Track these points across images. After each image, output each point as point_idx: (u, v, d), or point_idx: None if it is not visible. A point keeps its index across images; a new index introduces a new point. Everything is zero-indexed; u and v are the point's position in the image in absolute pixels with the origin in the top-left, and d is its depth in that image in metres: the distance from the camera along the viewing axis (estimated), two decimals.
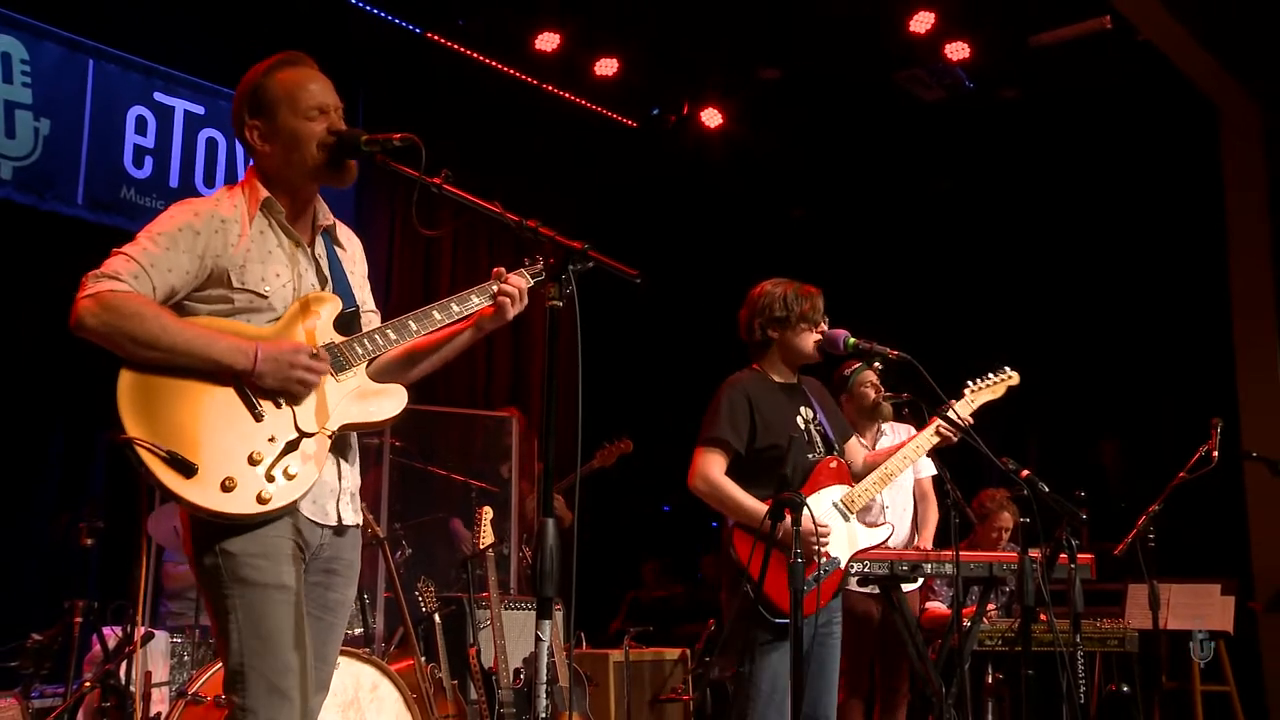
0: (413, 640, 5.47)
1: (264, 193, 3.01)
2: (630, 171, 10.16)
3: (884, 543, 4.57)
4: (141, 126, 7.51)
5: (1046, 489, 4.28)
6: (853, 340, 4.33)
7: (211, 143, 7.82)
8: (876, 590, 5.84)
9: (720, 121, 9.60)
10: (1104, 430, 9.44)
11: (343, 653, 4.79)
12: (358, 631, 5.86)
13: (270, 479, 2.79)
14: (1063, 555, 4.57)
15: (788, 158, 9.97)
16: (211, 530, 2.79)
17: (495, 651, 5.69)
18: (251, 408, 2.80)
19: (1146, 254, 9.21)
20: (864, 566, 5.06)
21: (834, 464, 4.39)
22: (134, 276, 2.77)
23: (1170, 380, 9.11)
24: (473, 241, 9.58)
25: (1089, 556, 5.53)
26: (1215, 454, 6.00)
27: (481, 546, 5.88)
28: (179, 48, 7.71)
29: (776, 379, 4.46)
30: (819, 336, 4.43)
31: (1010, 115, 9.17)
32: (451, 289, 10.27)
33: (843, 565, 4.32)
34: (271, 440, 2.81)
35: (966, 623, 5.56)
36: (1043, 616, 5.61)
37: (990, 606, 6.28)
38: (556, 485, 2.83)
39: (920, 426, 4.70)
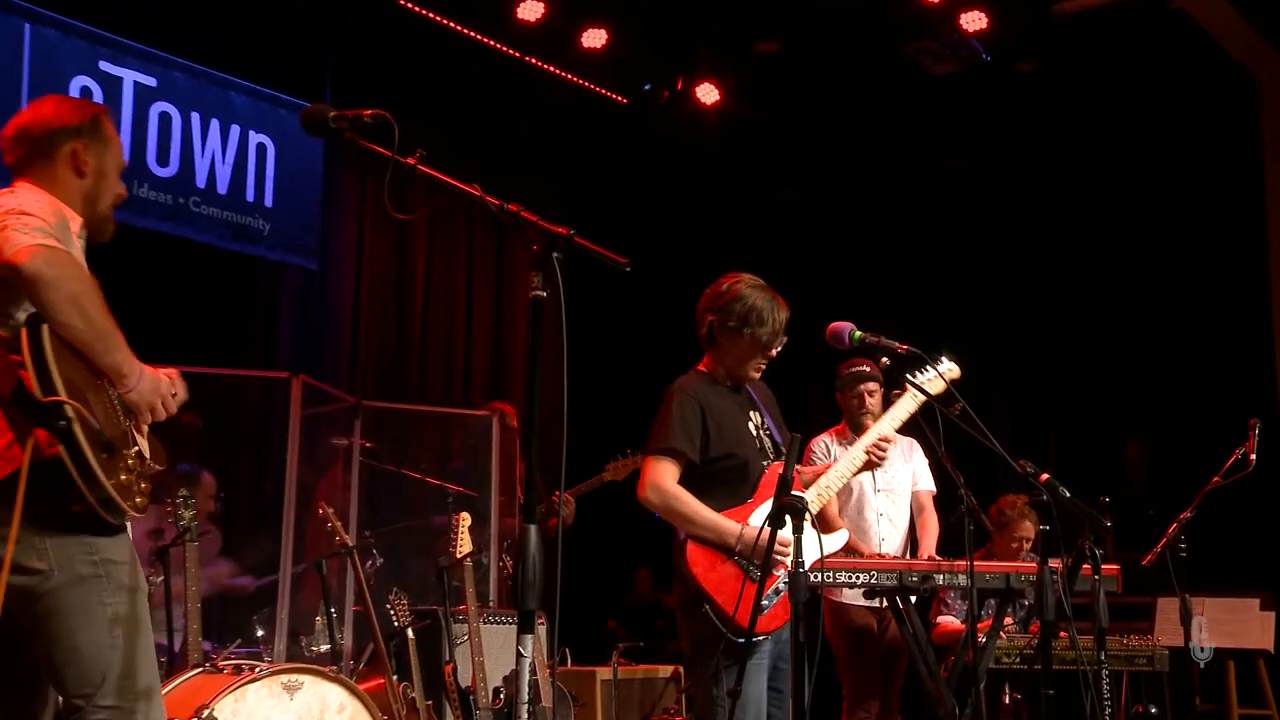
0: (384, 657, 5.49)
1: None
2: (620, 152, 10.18)
3: (841, 549, 4.59)
4: (86, 99, 7.47)
5: (1068, 494, 4.30)
6: (859, 334, 4.34)
7: (165, 118, 7.76)
8: (876, 604, 5.87)
9: (716, 98, 9.61)
10: (1131, 430, 9.47)
11: (308, 671, 4.82)
12: (324, 648, 5.87)
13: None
14: (1086, 566, 4.59)
15: (787, 136, 9.99)
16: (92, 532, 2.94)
17: (473, 669, 5.70)
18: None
19: (1177, 239, 9.23)
20: (870, 577, 5.09)
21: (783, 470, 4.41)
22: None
23: (1204, 376, 9.12)
24: (450, 226, 9.59)
25: (1114, 567, 5.55)
26: (1253, 456, 6.02)
27: (459, 555, 5.89)
28: (127, 13, 7.57)
29: (725, 382, 4.49)
30: (763, 367, 4.47)
31: (1027, 90, 9.18)
32: (427, 276, 10.30)
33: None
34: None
35: (982, 638, 5.58)
36: (1063, 633, 5.63)
37: (1007, 621, 6.30)
38: (569, 490, 2.85)
39: (931, 426, 4.73)
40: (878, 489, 6.29)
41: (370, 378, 8.88)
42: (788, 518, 3.81)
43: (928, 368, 4.82)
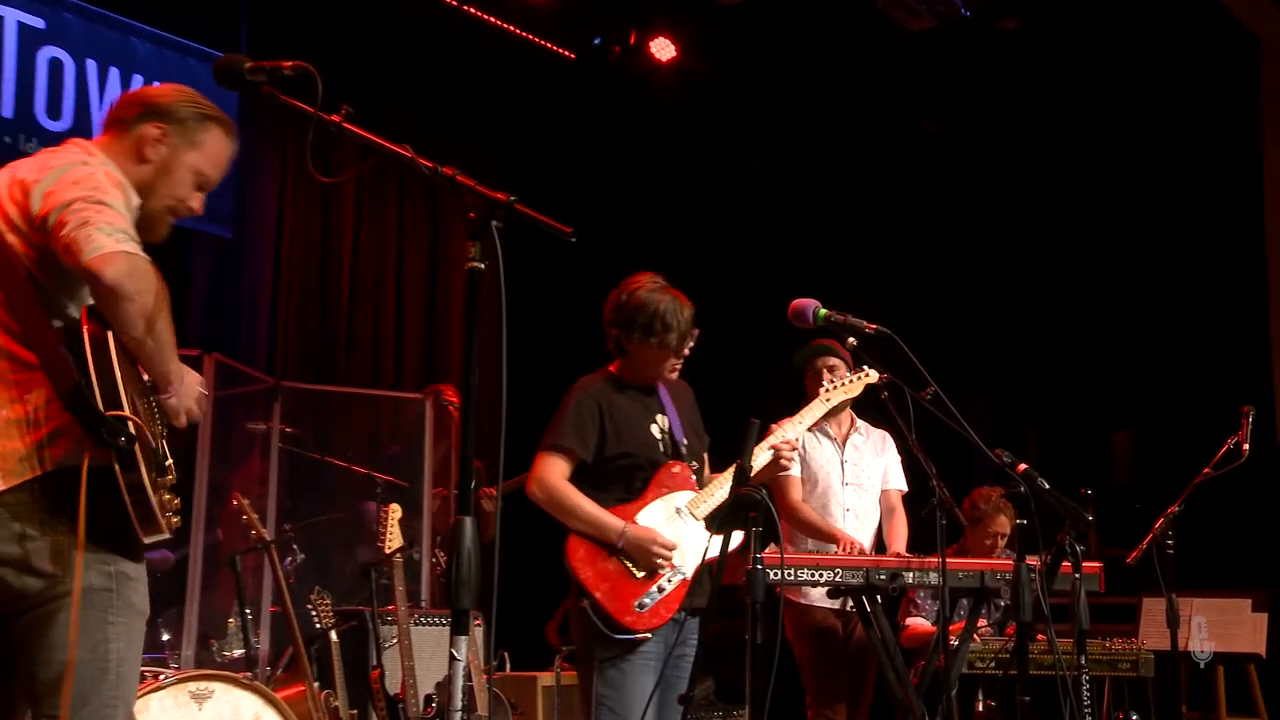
0: (304, 662, 5.48)
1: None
2: (567, 113, 10.15)
3: (737, 547, 4.63)
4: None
5: (1047, 486, 4.35)
6: (824, 312, 4.38)
7: (56, 65, 7.60)
8: (839, 606, 5.92)
9: (672, 54, 9.62)
10: (1115, 419, 9.57)
11: (219, 678, 4.81)
12: (237, 653, 5.85)
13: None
14: (1066, 563, 4.65)
15: (750, 97, 10.00)
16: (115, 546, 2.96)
17: (403, 674, 5.70)
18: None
19: (1167, 214, 9.30)
20: (834, 575, 5.13)
21: (676, 469, 4.56)
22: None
23: (1195, 361, 9.21)
24: (380, 191, 9.55)
25: (1097, 565, 5.62)
26: (1246, 447, 6.07)
27: (387, 551, 5.88)
28: None
29: (633, 383, 4.64)
30: (678, 368, 4.61)
31: (1010, 48, 9.23)
32: (354, 245, 10.25)
33: (688, 576, 4.44)
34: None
35: (954, 641, 5.63)
36: (1041, 636, 5.69)
37: (981, 622, 6.37)
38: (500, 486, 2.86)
39: (901, 412, 4.76)
40: (845, 482, 6.32)
41: (291, 356, 8.84)
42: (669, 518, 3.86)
43: (848, 373, 4.95)
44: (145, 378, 3.10)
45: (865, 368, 4.95)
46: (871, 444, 6.43)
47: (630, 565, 4.33)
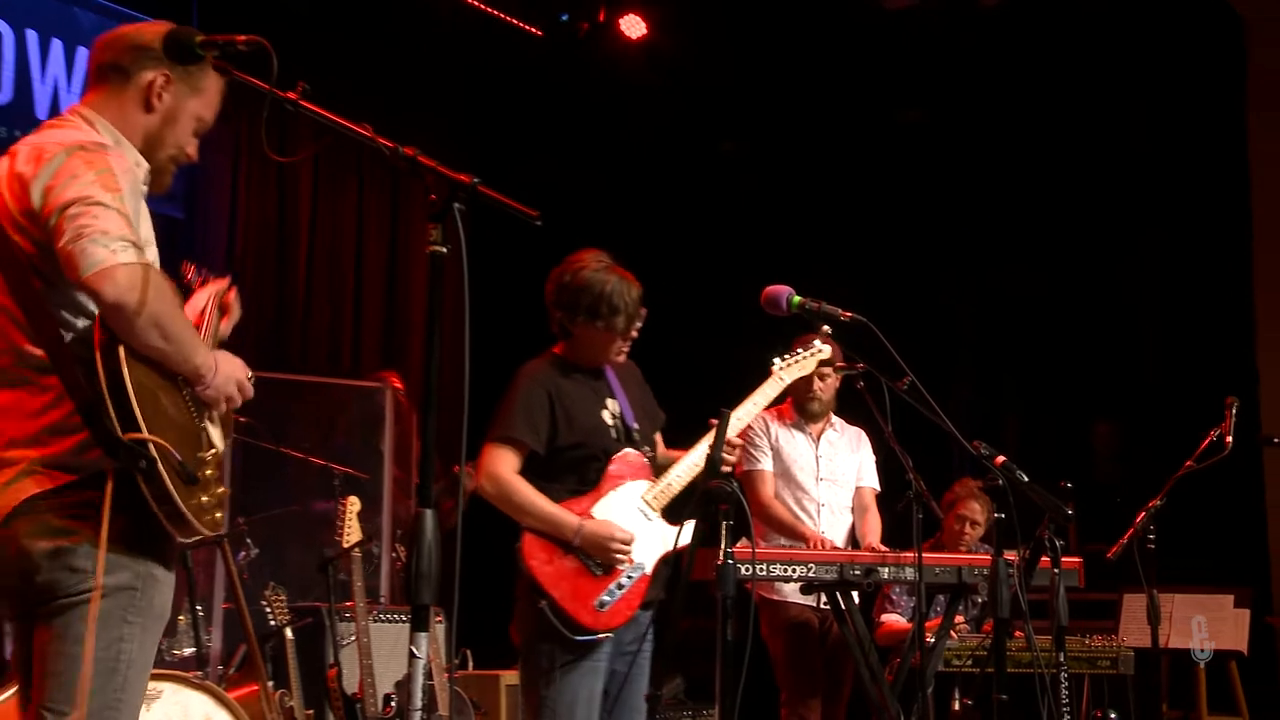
0: (258, 661, 5.46)
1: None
2: (534, 92, 10.12)
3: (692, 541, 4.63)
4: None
5: (1026, 478, 4.38)
6: (798, 299, 4.39)
7: None
8: (814, 603, 5.94)
9: (643, 32, 9.60)
10: (1096, 410, 9.62)
11: (168, 678, 4.78)
12: (188, 651, 5.82)
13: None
14: (1044, 558, 4.68)
15: (723, 77, 9.99)
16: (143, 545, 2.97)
17: (361, 673, 5.70)
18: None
19: (1151, 199, 9.36)
20: (808, 570, 5.15)
21: (631, 457, 4.53)
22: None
23: (1177, 351, 9.27)
24: (338, 172, 9.50)
25: (1076, 560, 5.66)
26: (1229, 439, 6.11)
27: (345, 545, 5.87)
28: None
29: (579, 366, 4.59)
30: (626, 350, 4.58)
31: (991, 28, 9.26)
32: (311, 228, 10.19)
33: (649, 571, 4.42)
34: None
35: (930, 638, 5.66)
36: (1019, 632, 5.72)
37: (958, 619, 6.40)
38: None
39: (878, 403, 4.78)
40: (820, 477, 6.34)
41: (245, 342, 8.75)
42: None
43: (798, 349, 4.90)
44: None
45: (817, 342, 4.93)
46: (847, 440, 6.46)
47: (588, 562, 4.31)
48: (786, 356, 4.89)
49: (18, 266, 2.97)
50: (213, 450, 3.13)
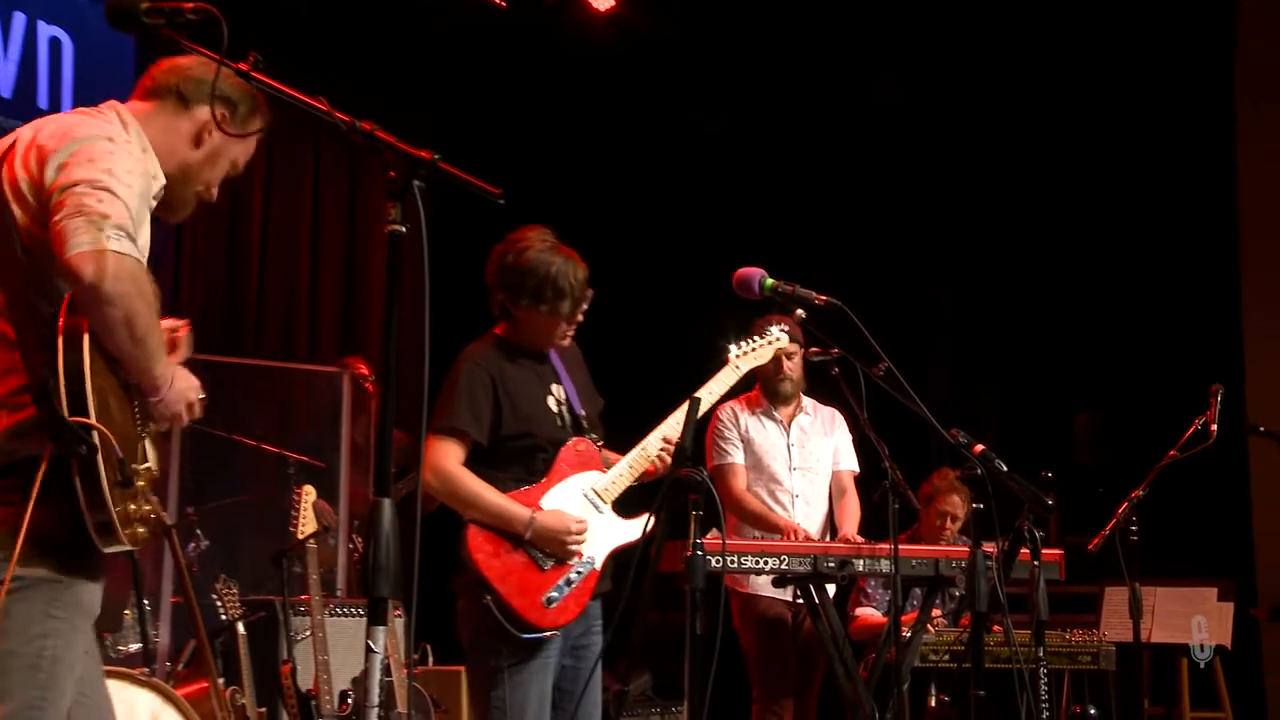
0: (208, 656, 5.44)
1: None
2: (497, 67, 10.09)
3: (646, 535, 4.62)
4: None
5: (1005, 468, 4.39)
6: (770, 281, 4.38)
7: None
8: (789, 597, 5.96)
9: (611, 4, 9.57)
10: (1078, 398, 9.66)
11: (113, 675, 4.73)
12: (134, 647, 5.80)
13: None
14: (1024, 550, 4.70)
15: (694, 51, 9.97)
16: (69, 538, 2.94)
17: (316, 669, 5.68)
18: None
19: (1137, 185, 9.40)
20: (780, 562, 5.15)
21: (581, 446, 4.50)
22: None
23: (1160, 338, 9.32)
24: (293, 148, 9.45)
25: (1057, 552, 5.69)
26: (1214, 428, 6.15)
27: (300, 536, 5.86)
28: None
29: (522, 349, 4.54)
30: (570, 334, 4.54)
31: (976, 5, 9.27)
32: (265, 206, 10.12)
33: (598, 566, 4.41)
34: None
35: (906, 633, 5.69)
36: (997, 627, 5.76)
37: (935, 613, 6.43)
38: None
39: (852, 390, 4.78)
40: (793, 467, 6.36)
41: (196, 326, 8.72)
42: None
43: (755, 336, 4.90)
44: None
45: (774, 329, 4.93)
46: (820, 423, 6.46)
47: (536, 556, 4.26)
48: (743, 344, 4.88)
49: (9, 241, 2.96)
50: (147, 465, 3.11)
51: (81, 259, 2.80)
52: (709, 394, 4.67)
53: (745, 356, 4.85)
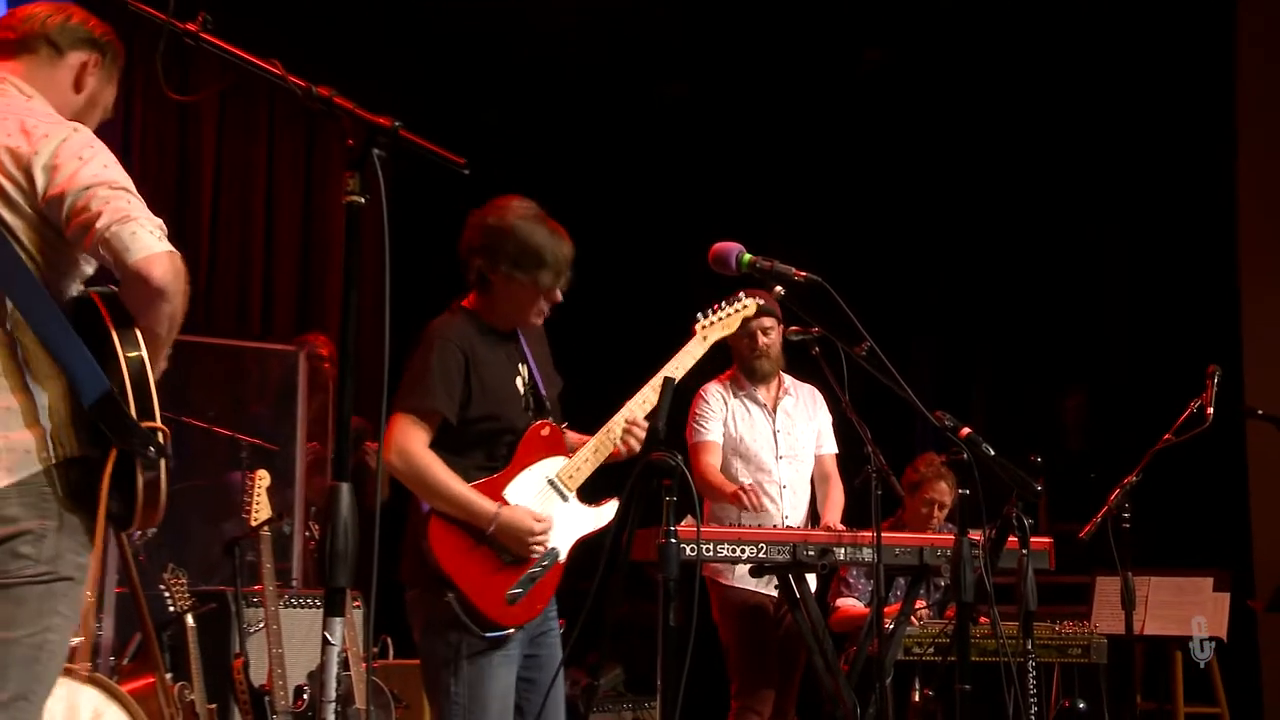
0: (154, 651, 5.43)
1: None
2: (460, 32, 10.05)
3: (611, 523, 4.61)
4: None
5: (992, 452, 4.40)
6: (748, 257, 4.37)
7: None
8: (771, 591, 5.97)
9: None
10: (1068, 379, 9.69)
11: None
12: (76, 641, 5.77)
13: None
14: (1012, 538, 4.71)
15: (664, 17, 9.94)
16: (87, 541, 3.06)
17: (269, 663, 5.67)
18: None
19: (1128, 156, 9.42)
20: (758, 551, 5.15)
21: (545, 431, 4.46)
22: None
23: (1154, 318, 9.34)
24: (246, 115, 9.40)
25: (1046, 540, 5.71)
26: (1210, 411, 6.18)
27: (254, 523, 5.84)
28: None
29: (493, 326, 4.49)
30: (546, 313, 4.50)
31: None
32: (217, 173, 10.05)
33: (563, 558, 4.40)
34: None
35: (889, 625, 5.70)
36: (984, 618, 5.78)
37: (919, 604, 6.45)
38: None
39: (833, 370, 4.79)
40: (780, 455, 6.35)
41: None
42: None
43: (722, 304, 4.89)
44: None
45: (741, 295, 4.92)
46: (803, 405, 6.46)
47: (500, 551, 4.23)
48: (709, 313, 4.85)
49: (8, 248, 3.02)
50: None
51: (150, 263, 2.98)
52: (677, 368, 4.63)
53: (712, 326, 4.82)
